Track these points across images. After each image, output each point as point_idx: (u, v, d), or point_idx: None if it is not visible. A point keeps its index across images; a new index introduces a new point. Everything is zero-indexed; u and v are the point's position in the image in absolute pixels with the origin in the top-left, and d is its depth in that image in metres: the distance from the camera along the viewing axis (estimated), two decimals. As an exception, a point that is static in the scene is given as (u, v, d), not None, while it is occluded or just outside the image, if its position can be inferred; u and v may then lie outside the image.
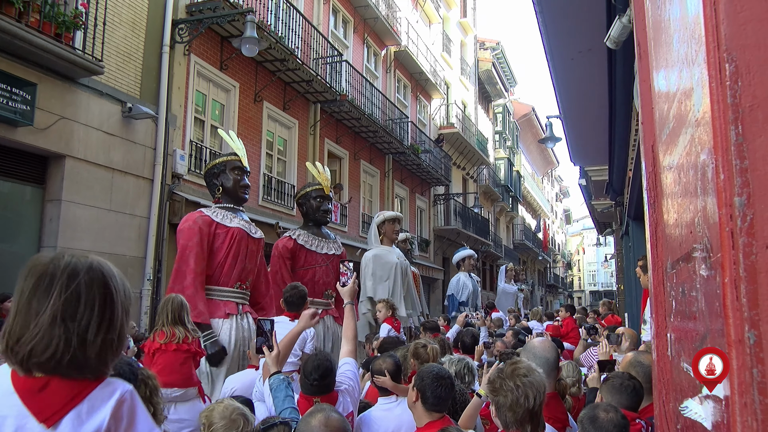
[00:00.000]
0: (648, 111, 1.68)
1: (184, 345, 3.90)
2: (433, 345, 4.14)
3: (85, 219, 8.58)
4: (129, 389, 1.37)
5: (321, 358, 3.16)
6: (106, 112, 9.00)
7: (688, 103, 1.08)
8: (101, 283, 1.36)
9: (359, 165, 17.84)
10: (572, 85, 6.93)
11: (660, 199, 1.54)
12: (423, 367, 3.13)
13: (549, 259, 48.53)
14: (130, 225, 9.40)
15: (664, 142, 1.45)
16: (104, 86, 8.97)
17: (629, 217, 9.44)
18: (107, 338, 1.34)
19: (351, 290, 3.62)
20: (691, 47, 1.03)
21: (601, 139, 8.17)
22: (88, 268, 1.36)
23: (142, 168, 9.65)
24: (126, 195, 9.33)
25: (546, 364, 3.06)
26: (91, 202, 8.71)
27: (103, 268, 1.39)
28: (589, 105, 7.33)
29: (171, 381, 3.76)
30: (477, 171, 29.32)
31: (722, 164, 0.91)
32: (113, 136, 9.11)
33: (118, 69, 9.30)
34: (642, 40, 1.75)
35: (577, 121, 8.23)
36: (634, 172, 7.18)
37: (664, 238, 1.51)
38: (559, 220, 63.20)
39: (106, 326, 1.34)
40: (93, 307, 1.33)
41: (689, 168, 1.10)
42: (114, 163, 9.10)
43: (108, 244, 8.83)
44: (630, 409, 2.97)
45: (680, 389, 1.21)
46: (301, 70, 13.11)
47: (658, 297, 1.60)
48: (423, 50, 22.59)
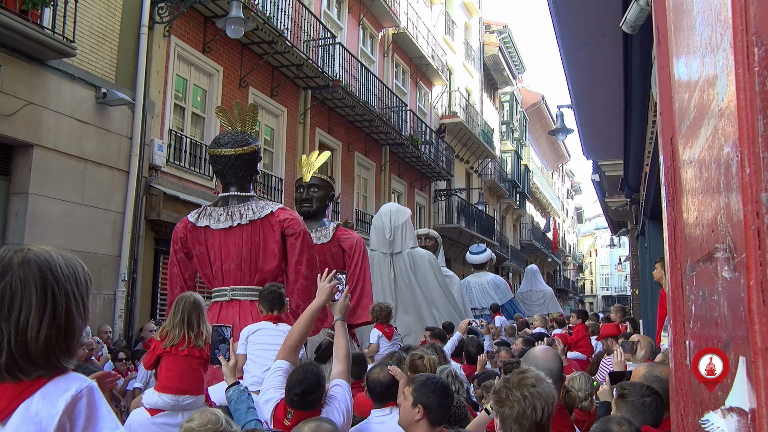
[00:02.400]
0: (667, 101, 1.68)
1: (196, 350, 3.90)
2: (431, 356, 4.13)
3: (54, 214, 8.56)
4: (87, 386, 1.39)
5: (307, 372, 3.10)
6: (78, 98, 8.97)
7: (711, 92, 1.08)
8: (38, 276, 1.38)
9: (353, 157, 17.82)
10: (585, 73, 6.93)
11: (679, 196, 1.55)
12: (421, 379, 3.05)
13: (559, 261, 48.57)
14: (104, 221, 9.38)
15: (684, 134, 1.45)
16: (76, 69, 8.93)
17: (645, 215, 9.45)
18: (51, 333, 1.36)
19: (342, 306, 3.55)
20: (716, 31, 1.03)
21: (615, 131, 8.17)
22: (21, 261, 1.39)
23: (117, 159, 9.62)
24: (99, 188, 9.30)
25: (549, 374, 3.05)
26: (61, 196, 8.68)
27: (40, 258, 1.41)
28: (604, 94, 7.34)
29: (184, 388, 3.77)
30: (482, 165, 29.31)
31: (748, 157, 0.91)
32: (86, 123, 9.09)
33: (92, 51, 9.27)
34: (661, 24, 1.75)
35: (590, 111, 8.23)
36: (651, 167, 7.19)
37: (683, 238, 1.51)
38: (571, 218, 63.24)
39: (48, 320, 1.37)
40: (30, 304, 1.35)
41: (712, 162, 1.10)
42: (86, 153, 9.07)
43: (80, 241, 8.81)
44: (653, 425, 2.93)
45: (700, 401, 1.21)
46: (290, 54, 13.08)
47: (677, 301, 1.60)
48: (424, 33, 22.56)
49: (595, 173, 13.38)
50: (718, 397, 1.02)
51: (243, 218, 5.33)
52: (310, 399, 3.05)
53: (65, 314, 1.40)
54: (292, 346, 3.42)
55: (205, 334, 4.02)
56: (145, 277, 10.13)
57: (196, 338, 3.90)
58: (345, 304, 3.53)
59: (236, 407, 2.93)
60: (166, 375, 3.82)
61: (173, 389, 3.79)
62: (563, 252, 52.54)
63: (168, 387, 3.79)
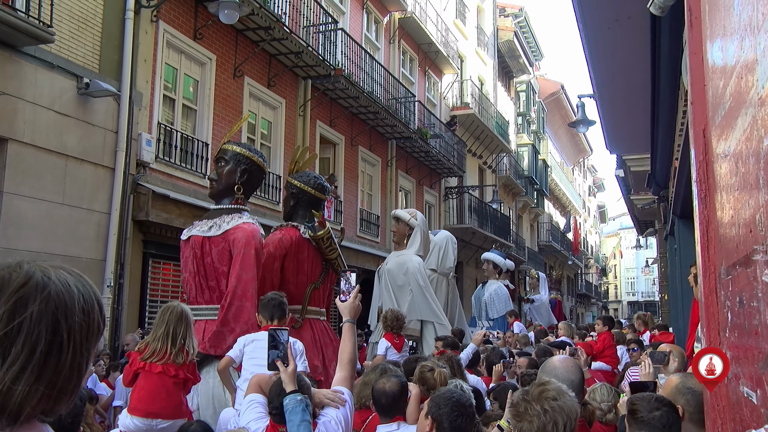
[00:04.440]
0: (699, 89, 1.67)
1: (172, 368, 3.84)
2: (441, 368, 4.13)
3: (32, 214, 8.57)
4: None
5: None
6: (57, 88, 8.99)
7: (750, 78, 1.07)
8: (52, 322, 1.17)
9: (357, 152, 17.82)
10: (608, 59, 6.91)
11: (713, 193, 1.54)
12: (439, 391, 3.10)
13: (580, 264, 48.52)
14: (88, 222, 9.40)
15: (718, 125, 1.44)
16: (55, 57, 8.94)
17: (675, 214, 9.43)
18: (43, 393, 1.16)
19: (352, 306, 3.55)
20: (758, 10, 1.02)
21: (642, 122, 8.16)
22: (43, 297, 1.18)
23: (101, 155, 9.64)
24: (82, 186, 9.33)
25: (570, 386, 3.03)
26: (40, 195, 8.70)
27: (60, 294, 1.20)
28: (629, 82, 7.32)
29: (155, 410, 3.72)
30: (496, 160, 29.28)
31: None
32: (66, 116, 9.11)
33: (72, 37, 9.28)
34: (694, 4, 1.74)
35: (614, 101, 8.21)
36: (681, 162, 7.17)
37: (717, 239, 1.50)
38: (593, 218, 63.18)
39: (47, 378, 1.17)
40: (33, 352, 1.15)
41: (749, 155, 1.09)
42: (68, 148, 9.10)
43: (60, 244, 8.83)
44: None
45: (740, 419, 1.20)
46: (288, 41, 13.09)
47: (710, 308, 1.59)
48: (433, 17, 22.56)
49: (619, 168, 13.36)
50: (761, 414, 1.01)
51: (214, 230, 5.30)
52: None
53: (67, 372, 1.19)
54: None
55: (191, 352, 3.96)
56: (132, 283, 10.15)
57: (176, 355, 3.84)
58: (355, 305, 3.53)
59: (290, 418, 2.94)
60: (137, 395, 3.76)
61: (143, 411, 3.72)
62: (585, 254, 52.51)
63: (138, 409, 3.73)
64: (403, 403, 3.51)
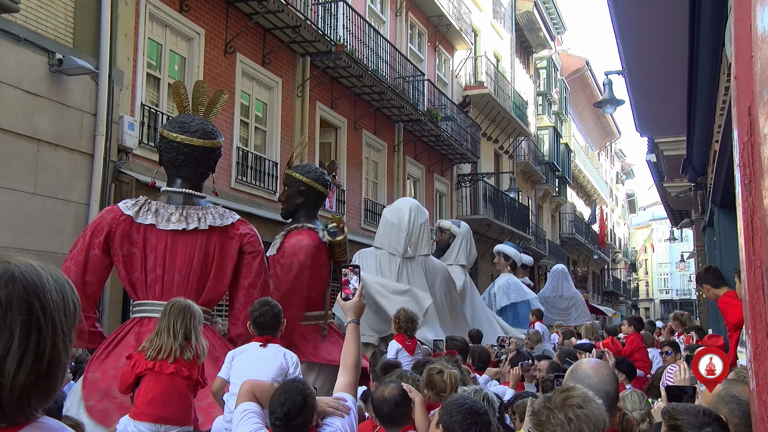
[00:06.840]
0: (745, 61, 1.64)
1: (184, 369, 3.83)
2: (451, 369, 4.13)
3: (0, 205, 8.58)
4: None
5: (290, 390, 3.09)
6: (25, 65, 8.93)
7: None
8: (24, 302, 1.29)
9: (361, 137, 17.82)
10: (640, 31, 6.87)
11: (759, 178, 1.51)
12: (452, 398, 3.12)
13: (607, 259, 48.52)
14: (64, 213, 9.41)
15: (767, 101, 1.41)
16: (21, 29, 8.81)
17: (714, 203, 9.39)
18: (32, 375, 1.27)
19: (358, 305, 3.54)
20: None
21: (677, 101, 8.12)
22: (8, 279, 1.29)
23: (78, 140, 9.64)
24: (57, 174, 9.33)
25: (605, 397, 2.90)
26: (9, 184, 8.68)
27: (27, 277, 1.31)
28: (663, 56, 7.28)
29: (165, 414, 3.71)
30: (513, 144, 29.26)
31: None
32: (37, 96, 9.08)
33: (41, 6, 9.19)
34: (739, -35, 1.71)
35: (646, 77, 8.18)
36: (722, 144, 7.12)
37: (763, 230, 1.48)
38: (621, 207, 63.14)
39: (30, 360, 1.27)
40: (11, 337, 1.26)
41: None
42: (40, 132, 9.08)
43: (33, 238, 8.83)
44: None
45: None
46: (285, 13, 13.06)
47: (756, 307, 1.57)
48: (444, -14, 22.51)
49: (650, 153, 13.32)
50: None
51: (201, 222, 5.19)
52: (295, 423, 3.04)
53: (51, 352, 1.30)
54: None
55: (201, 350, 3.94)
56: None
57: (182, 350, 3.82)
58: (359, 304, 3.53)
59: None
60: (145, 397, 3.73)
61: (152, 416, 3.70)
62: (612, 247, 52.49)
63: (146, 413, 3.70)
64: (408, 409, 3.52)
